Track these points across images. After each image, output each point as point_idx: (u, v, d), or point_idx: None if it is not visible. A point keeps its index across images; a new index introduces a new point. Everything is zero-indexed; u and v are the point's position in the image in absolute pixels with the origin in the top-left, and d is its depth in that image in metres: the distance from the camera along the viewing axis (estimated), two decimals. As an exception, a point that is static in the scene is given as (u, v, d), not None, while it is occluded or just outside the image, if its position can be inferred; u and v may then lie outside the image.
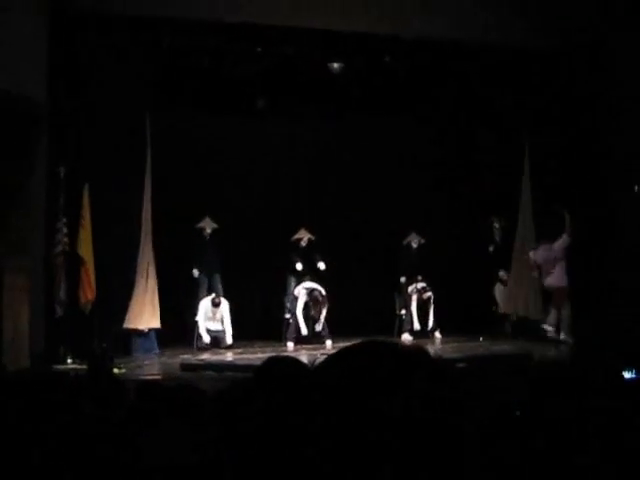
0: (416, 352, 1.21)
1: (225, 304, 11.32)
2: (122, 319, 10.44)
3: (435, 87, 11.97)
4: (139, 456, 1.84)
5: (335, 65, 11.39)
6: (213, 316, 11.31)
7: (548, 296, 11.36)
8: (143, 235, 10.61)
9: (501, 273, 12.30)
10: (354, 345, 1.24)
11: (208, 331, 11.25)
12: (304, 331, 11.40)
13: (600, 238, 11.02)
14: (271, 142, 12.57)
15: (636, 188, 10.98)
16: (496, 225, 12.60)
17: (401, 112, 12.50)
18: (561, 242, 11.15)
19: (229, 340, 11.26)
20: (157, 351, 10.77)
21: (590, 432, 1.82)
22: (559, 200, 11.08)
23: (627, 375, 4.04)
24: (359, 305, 12.10)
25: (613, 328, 10.01)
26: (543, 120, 11.57)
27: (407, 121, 12.78)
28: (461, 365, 8.57)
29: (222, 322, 11.30)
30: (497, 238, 12.66)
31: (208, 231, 11.80)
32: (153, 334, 10.78)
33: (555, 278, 11.21)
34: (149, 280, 10.65)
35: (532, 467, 1.62)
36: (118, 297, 10.37)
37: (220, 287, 11.59)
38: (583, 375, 2.06)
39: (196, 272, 11.56)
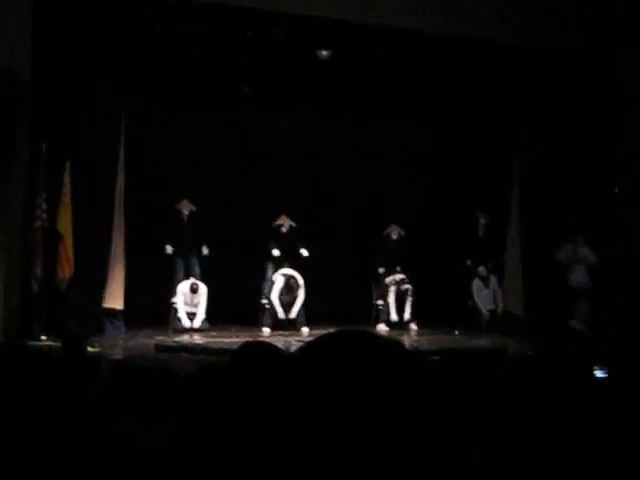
0: (392, 343, 1.21)
1: (203, 289, 11.30)
2: (98, 297, 10.41)
3: (430, 82, 11.91)
4: (113, 437, 1.84)
5: (324, 52, 11.33)
6: (191, 301, 11.30)
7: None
8: (116, 215, 10.57)
9: (480, 269, 12.33)
10: (330, 333, 1.24)
11: (186, 314, 11.25)
12: (281, 315, 11.41)
13: (599, 239, 11.12)
14: (256, 128, 12.52)
15: (616, 189, 11.06)
16: (481, 220, 12.65)
17: (391, 105, 12.46)
18: (587, 255, 11.22)
19: (197, 324, 11.24)
20: (124, 330, 10.74)
21: (563, 428, 1.83)
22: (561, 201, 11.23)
23: (599, 374, 4.07)
24: (336, 294, 12.11)
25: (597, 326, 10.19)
26: (541, 120, 11.63)
27: (395, 114, 12.75)
28: (436, 358, 8.61)
29: (197, 306, 11.30)
30: (480, 233, 12.71)
31: (186, 213, 11.74)
32: (121, 314, 10.76)
33: (578, 277, 11.32)
34: (120, 260, 10.61)
35: (507, 460, 1.64)
36: (95, 275, 10.34)
37: (198, 270, 11.54)
38: (555, 371, 2.08)
39: (169, 248, 11.43)
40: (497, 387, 1.88)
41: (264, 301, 11.73)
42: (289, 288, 11.43)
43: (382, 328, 11.96)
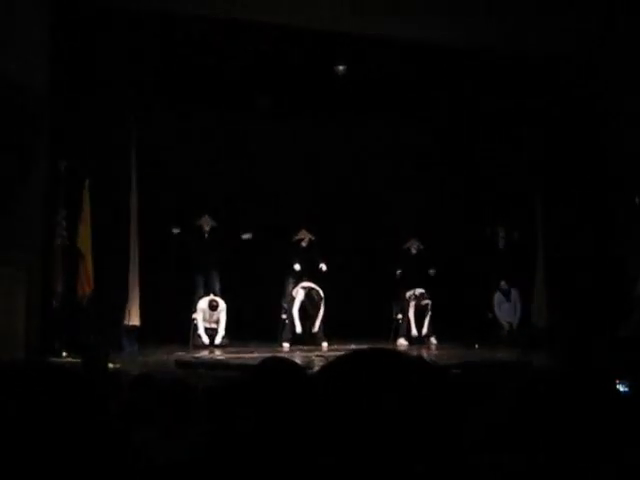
0: (414, 360, 1.22)
1: (222, 306, 11.30)
2: (116, 314, 10.43)
3: (439, 92, 11.92)
4: (133, 451, 1.84)
5: (340, 67, 11.35)
6: (210, 318, 11.30)
7: None
8: (132, 232, 10.59)
9: (502, 282, 12.30)
10: (357, 350, 1.25)
11: (205, 330, 11.26)
12: (298, 329, 11.38)
13: (601, 248, 11.05)
14: (272, 142, 12.56)
15: (637, 200, 10.98)
16: (501, 234, 12.63)
17: (404, 116, 12.49)
18: None
19: (218, 341, 11.24)
20: (137, 347, 10.64)
21: (585, 444, 1.81)
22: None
23: (621, 388, 4.02)
24: (356, 308, 12.09)
25: (611, 340, 10.04)
26: (542, 122, 11.63)
27: (410, 125, 12.78)
28: (456, 371, 8.55)
29: (217, 323, 11.30)
30: (501, 246, 12.69)
31: (206, 229, 11.77)
32: (136, 330, 10.73)
33: None
34: (136, 276, 10.61)
35: (524, 470, 1.64)
36: (114, 292, 10.37)
37: (218, 287, 11.55)
38: (578, 386, 2.06)
39: (176, 230, 11.44)
40: (516, 398, 1.88)
41: (284, 316, 11.73)
42: (311, 299, 11.42)
43: (402, 342, 11.93)
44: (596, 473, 1.66)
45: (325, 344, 11.31)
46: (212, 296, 11.35)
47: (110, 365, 8.47)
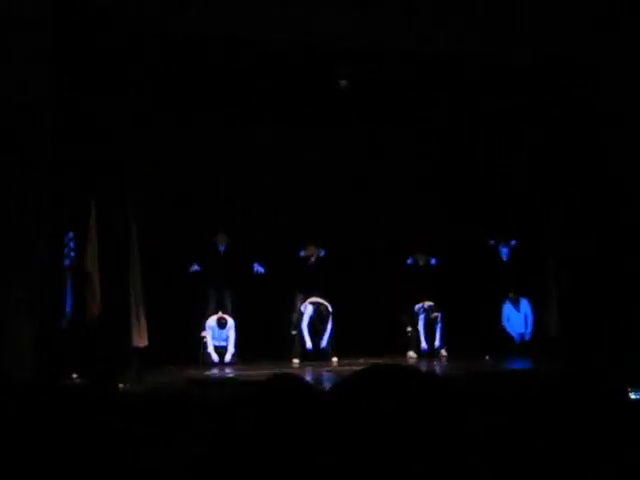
0: (425, 374, 1.23)
1: (231, 323, 11.29)
2: (125, 334, 10.40)
3: (441, 102, 11.90)
4: (140, 468, 1.84)
5: (343, 82, 11.34)
6: (219, 335, 11.32)
7: None
8: (132, 253, 10.56)
9: (511, 294, 12.27)
10: (371, 367, 1.26)
11: (215, 348, 11.25)
12: (309, 345, 11.38)
13: (608, 255, 11.00)
14: (279, 157, 12.54)
15: None
16: (502, 243, 12.60)
17: (409, 127, 12.47)
18: None
19: (228, 358, 11.23)
20: (142, 367, 10.53)
21: (594, 452, 1.81)
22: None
23: (633, 396, 4.00)
24: (365, 322, 12.06)
25: (621, 349, 10.00)
26: (542, 125, 11.66)
27: (415, 137, 12.77)
28: (465, 382, 8.51)
29: (227, 340, 11.29)
30: (504, 257, 12.65)
31: (221, 246, 11.77)
32: (143, 351, 10.65)
33: None
34: (140, 296, 10.55)
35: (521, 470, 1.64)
36: (122, 313, 10.35)
37: (230, 304, 11.54)
38: (588, 394, 2.05)
39: (195, 267, 11.51)
40: (518, 401, 1.88)
41: (293, 332, 11.71)
42: (320, 315, 11.43)
43: (411, 355, 11.90)
44: (596, 473, 1.65)
45: (335, 359, 11.30)
46: (221, 314, 11.35)
47: (120, 385, 8.47)
